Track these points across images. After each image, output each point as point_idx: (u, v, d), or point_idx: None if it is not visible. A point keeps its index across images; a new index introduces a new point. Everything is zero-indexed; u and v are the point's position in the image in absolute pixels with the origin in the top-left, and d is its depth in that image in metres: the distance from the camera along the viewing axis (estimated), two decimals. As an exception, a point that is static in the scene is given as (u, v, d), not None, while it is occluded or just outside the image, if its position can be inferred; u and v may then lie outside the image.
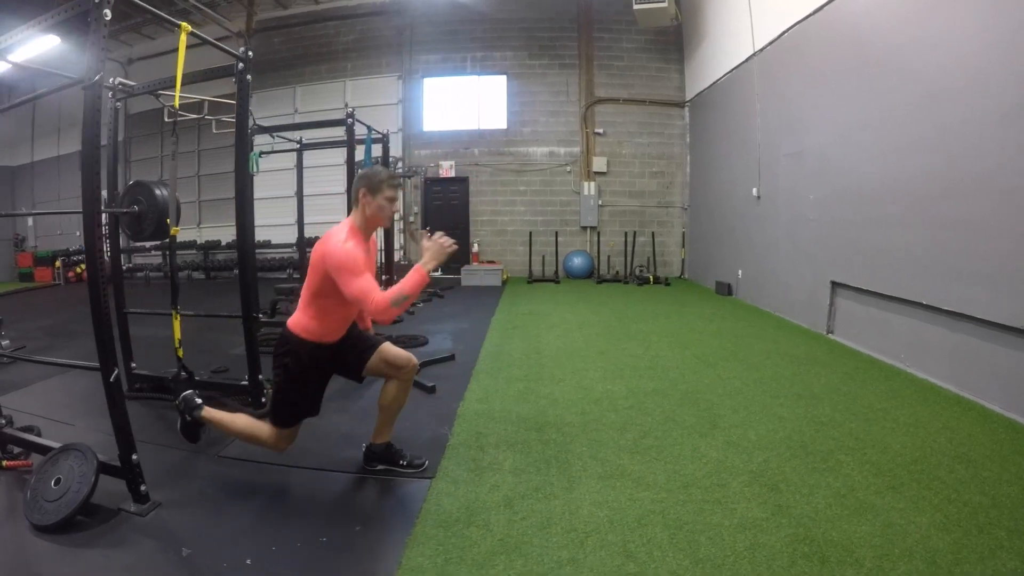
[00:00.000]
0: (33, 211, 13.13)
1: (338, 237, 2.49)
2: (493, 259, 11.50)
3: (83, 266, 13.34)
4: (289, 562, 2.16)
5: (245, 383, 3.96)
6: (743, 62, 7.90)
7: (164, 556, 2.25)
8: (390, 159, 8.04)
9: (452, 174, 11.60)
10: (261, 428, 2.75)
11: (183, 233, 13.08)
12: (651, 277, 10.10)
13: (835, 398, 3.83)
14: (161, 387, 4.35)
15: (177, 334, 3.50)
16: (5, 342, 5.47)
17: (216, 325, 6.74)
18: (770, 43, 7.06)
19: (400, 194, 2.77)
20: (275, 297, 7.38)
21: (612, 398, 3.93)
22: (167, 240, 3.85)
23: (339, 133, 6.08)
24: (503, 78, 11.35)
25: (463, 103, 11.67)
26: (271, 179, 8.66)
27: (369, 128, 6.68)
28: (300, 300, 2.67)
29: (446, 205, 11.95)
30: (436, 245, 2.45)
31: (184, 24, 3.10)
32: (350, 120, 5.86)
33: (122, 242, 5.10)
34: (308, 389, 2.70)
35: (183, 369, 3.79)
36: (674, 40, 10.80)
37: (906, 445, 3.03)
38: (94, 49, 2.60)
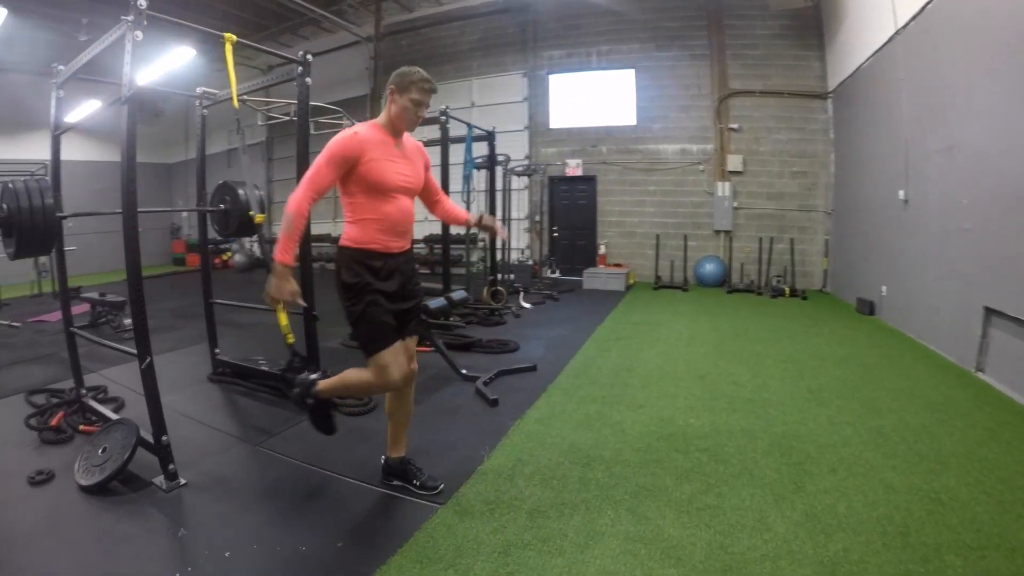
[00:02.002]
0: (150, 209, 14.92)
1: (352, 127, 2.41)
2: (620, 262, 10.93)
3: (228, 255, 14.98)
4: (259, 563, 2.19)
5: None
6: (885, 43, 6.63)
7: (163, 532, 2.43)
8: (497, 157, 7.86)
9: (579, 173, 11.20)
10: (364, 373, 2.50)
11: (319, 226, 14.29)
12: (787, 289, 8.88)
13: (967, 465, 2.87)
14: (240, 374, 4.57)
15: (283, 320, 3.32)
16: (127, 321, 6.14)
17: (321, 315, 7.11)
18: (914, 18, 5.77)
19: (429, 100, 2.48)
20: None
21: (688, 436, 3.34)
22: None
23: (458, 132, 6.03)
24: (630, 72, 10.70)
25: (590, 99, 11.20)
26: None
27: (470, 125, 6.54)
28: None
29: (573, 205, 11.58)
30: (280, 295, 2.34)
31: (228, 35, 3.23)
32: (443, 118, 5.74)
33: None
34: (373, 300, 2.40)
35: (297, 356, 3.74)
36: (812, 24, 9.41)
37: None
38: (127, 67, 2.75)
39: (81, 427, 3.53)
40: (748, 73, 9.91)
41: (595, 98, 11.12)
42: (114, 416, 3.41)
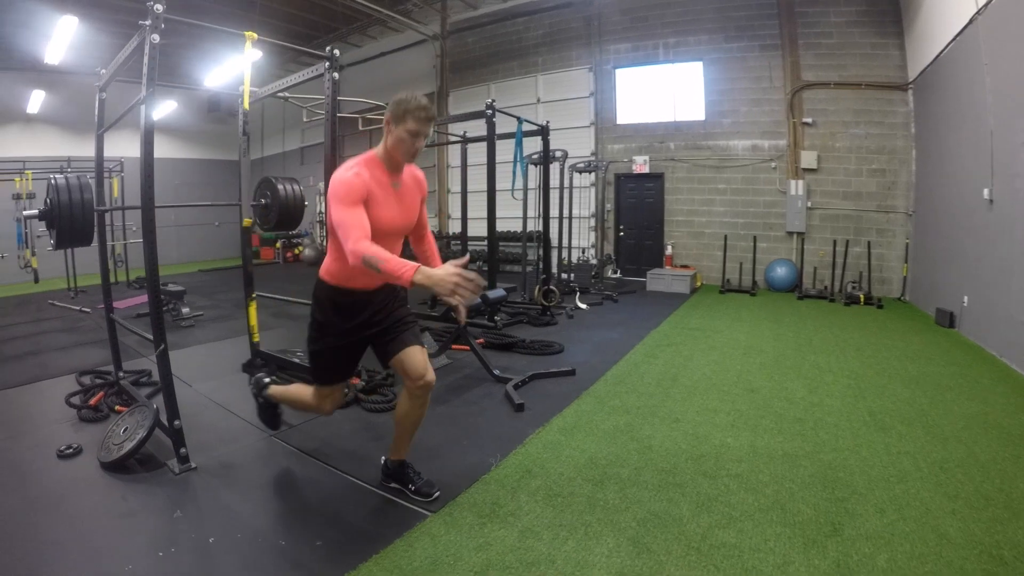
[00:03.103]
0: (172, 204, 15.63)
1: (347, 164, 2.28)
2: (687, 263, 10.46)
3: (300, 248, 15.51)
4: (237, 552, 2.21)
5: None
6: (965, 26, 5.87)
7: (161, 512, 2.52)
8: (552, 153, 7.64)
9: (646, 170, 10.78)
10: (306, 391, 2.70)
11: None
12: (861, 296, 8.11)
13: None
14: (277, 365, 4.63)
15: (252, 320, 3.56)
16: (185, 309, 6.39)
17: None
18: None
19: (431, 131, 2.45)
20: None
21: (721, 457, 3.02)
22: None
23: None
24: (698, 64, 10.16)
25: (657, 94, 10.75)
26: (474, 173, 8.76)
27: (519, 119, 6.37)
28: None
29: (640, 203, 11.18)
30: (448, 275, 1.92)
31: (249, 32, 3.22)
32: (490, 111, 5.60)
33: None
34: (335, 341, 2.45)
35: (258, 355, 3.93)
36: (889, 9, 8.52)
37: None
38: (147, 69, 2.87)
39: (116, 408, 3.73)
40: (822, 64, 9.15)
41: (662, 93, 10.68)
42: (143, 399, 3.53)
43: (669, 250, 10.67)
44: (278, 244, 15.87)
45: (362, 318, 2.43)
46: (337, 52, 3.57)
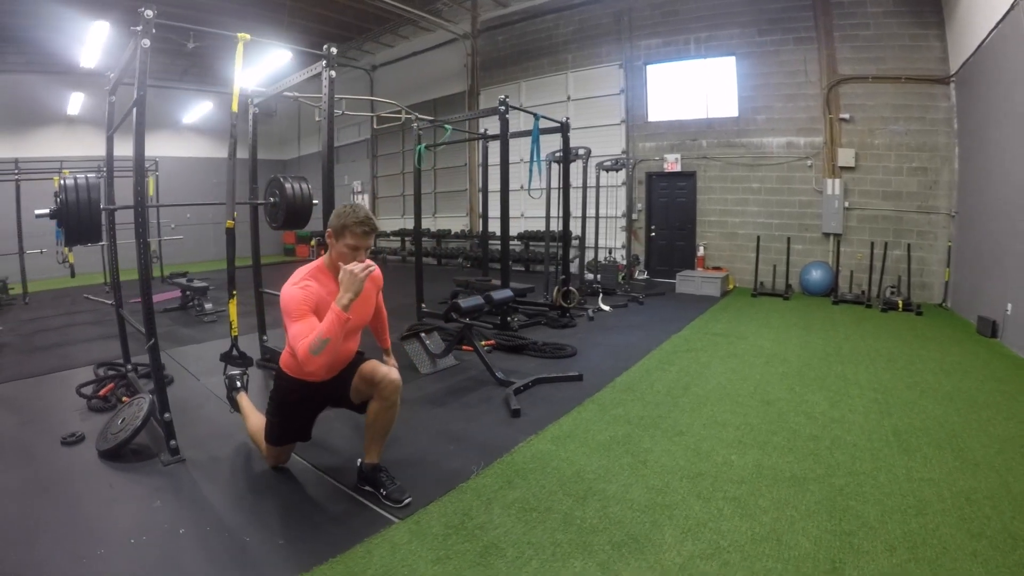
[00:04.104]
0: (188, 203, 16.03)
1: (296, 277, 2.39)
2: (720, 265, 10.12)
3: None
4: (203, 545, 2.25)
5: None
6: (1007, 12, 5.43)
7: (142, 501, 2.61)
8: (573, 152, 7.46)
9: (678, 168, 10.49)
10: (260, 435, 2.84)
11: (394, 223, 14.69)
12: (900, 302, 7.64)
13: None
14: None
15: (233, 316, 4.08)
16: (208, 305, 6.50)
17: (394, 309, 7.33)
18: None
19: (372, 242, 2.42)
20: (454, 289, 7.48)
21: (721, 477, 2.81)
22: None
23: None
24: (731, 59, 9.79)
25: (689, 90, 10.43)
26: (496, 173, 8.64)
27: (536, 116, 6.22)
28: None
29: (672, 203, 10.88)
30: (347, 274, 2.21)
31: (241, 34, 3.31)
32: (503, 108, 5.47)
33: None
34: (293, 419, 2.68)
35: (235, 347, 4.24)
36: None
37: None
38: (138, 72, 2.87)
39: (123, 399, 3.84)
40: (859, 56, 8.67)
41: (694, 89, 10.36)
42: (145, 392, 3.61)
43: (701, 251, 10.36)
44: (313, 242, 16.12)
45: (319, 398, 2.67)
46: (334, 50, 3.51)
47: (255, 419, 2.99)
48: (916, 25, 8.26)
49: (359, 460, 2.71)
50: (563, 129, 6.83)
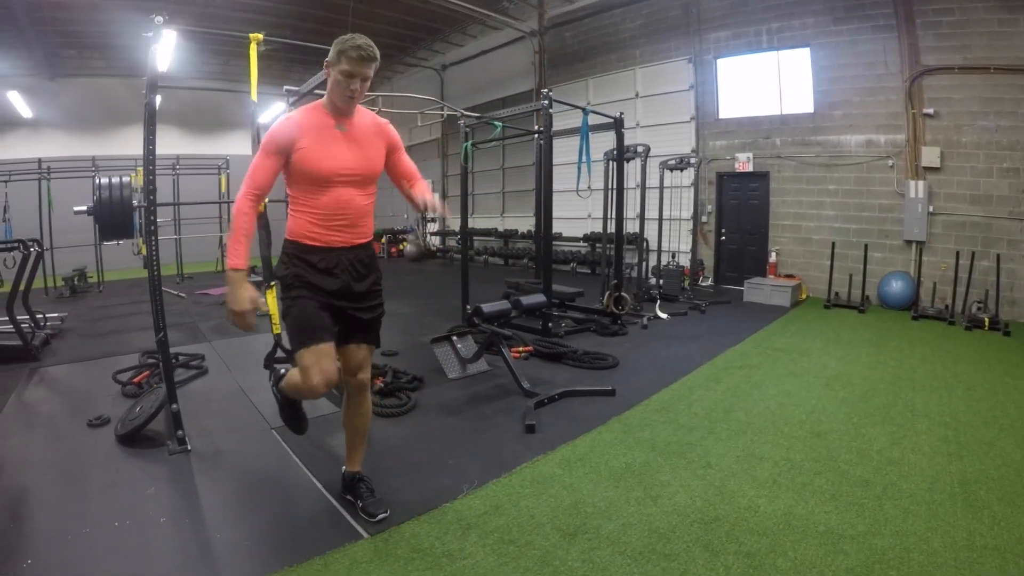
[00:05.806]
0: (192, 202, 16.42)
1: (292, 111, 2.29)
2: (793, 273, 9.46)
3: (404, 244, 15.93)
4: (178, 535, 2.32)
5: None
6: None
7: (138, 486, 2.70)
8: (631, 149, 7.12)
9: (750, 168, 9.88)
10: (293, 373, 2.45)
11: (485, 220, 14.60)
12: (986, 320, 6.76)
13: None
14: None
15: (272, 310, 4.00)
16: (261, 299, 6.74)
17: (442, 310, 7.48)
18: None
19: (370, 72, 2.17)
20: (506, 290, 7.36)
21: (740, 525, 2.45)
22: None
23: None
24: (805, 51, 9.05)
25: (761, 84, 9.78)
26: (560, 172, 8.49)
27: (585, 110, 5.95)
28: None
29: (743, 204, 10.28)
30: (233, 309, 2.16)
31: (253, 35, 3.47)
32: (545, 102, 5.25)
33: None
34: (308, 294, 2.23)
35: (280, 346, 4.05)
36: None
37: None
38: (148, 76, 3.18)
39: (154, 387, 3.94)
40: (943, 45, 7.74)
41: (767, 83, 9.71)
42: (159, 385, 3.75)
43: (773, 257, 9.70)
44: (383, 239, 16.46)
45: (336, 284, 2.25)
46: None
47: (291, 374, 2.53)
48: (1004, 9, 7.28)
49: (343, 467, 2.63)
50: (617, 125, 6.51)
